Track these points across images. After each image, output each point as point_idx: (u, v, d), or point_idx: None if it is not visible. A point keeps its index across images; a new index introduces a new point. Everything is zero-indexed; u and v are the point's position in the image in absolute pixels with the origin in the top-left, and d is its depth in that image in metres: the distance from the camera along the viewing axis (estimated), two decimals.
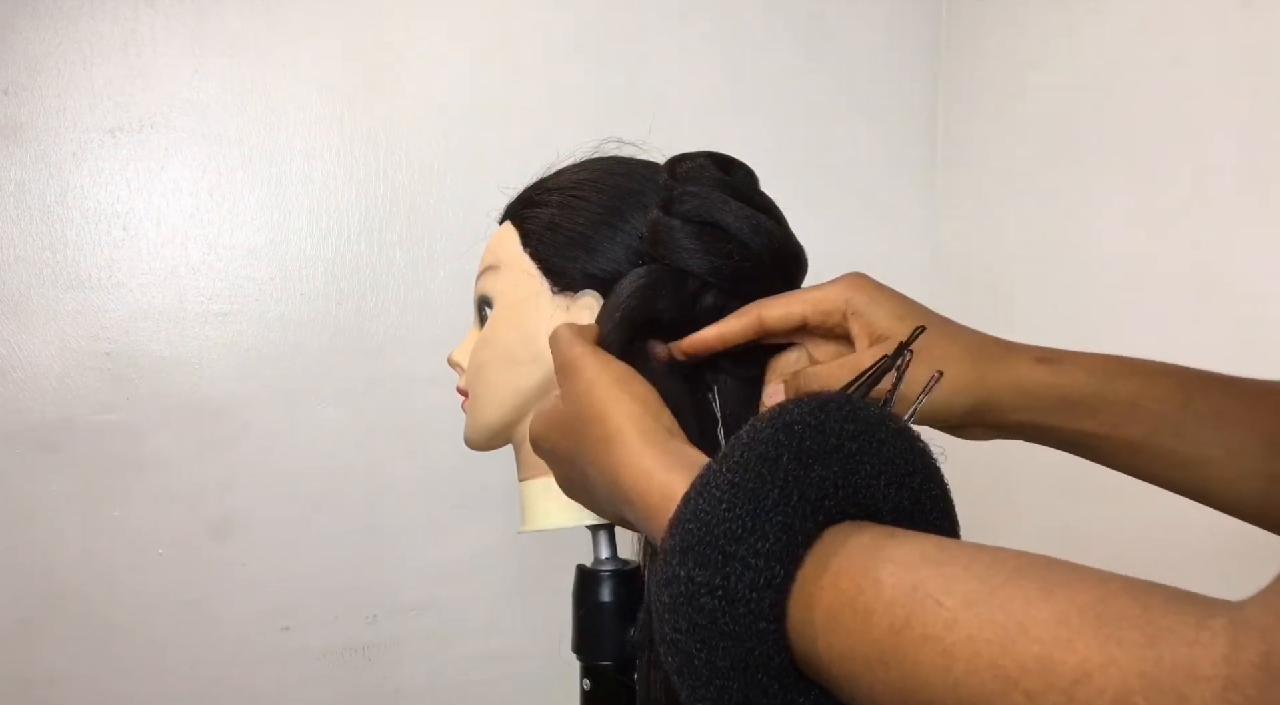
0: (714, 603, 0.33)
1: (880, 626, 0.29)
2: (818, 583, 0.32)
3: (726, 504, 0.34)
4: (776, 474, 0.34)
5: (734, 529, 0.33)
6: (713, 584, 0.33)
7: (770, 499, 0.33)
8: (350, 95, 1.10)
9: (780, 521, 0.33)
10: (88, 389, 1.02)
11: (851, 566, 0.32)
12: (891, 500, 0.35)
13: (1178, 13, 0.99)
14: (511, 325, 0.60)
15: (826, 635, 0.31)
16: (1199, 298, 0.97)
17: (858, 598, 0.31)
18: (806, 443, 0.34)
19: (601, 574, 0.61)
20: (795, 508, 0.33)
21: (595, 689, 0.60)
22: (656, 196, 0.58)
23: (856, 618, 0.30)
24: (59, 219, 1.01)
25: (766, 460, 0.34)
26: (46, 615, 1.01)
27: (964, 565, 0.29)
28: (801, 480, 0.34)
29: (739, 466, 0.35)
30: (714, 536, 0.33)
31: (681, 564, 0.34)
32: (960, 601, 0.28)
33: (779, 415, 0.36)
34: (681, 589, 0.33)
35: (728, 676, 0.33)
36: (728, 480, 0.34)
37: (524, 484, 0.63)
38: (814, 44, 1.30)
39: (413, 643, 1.14)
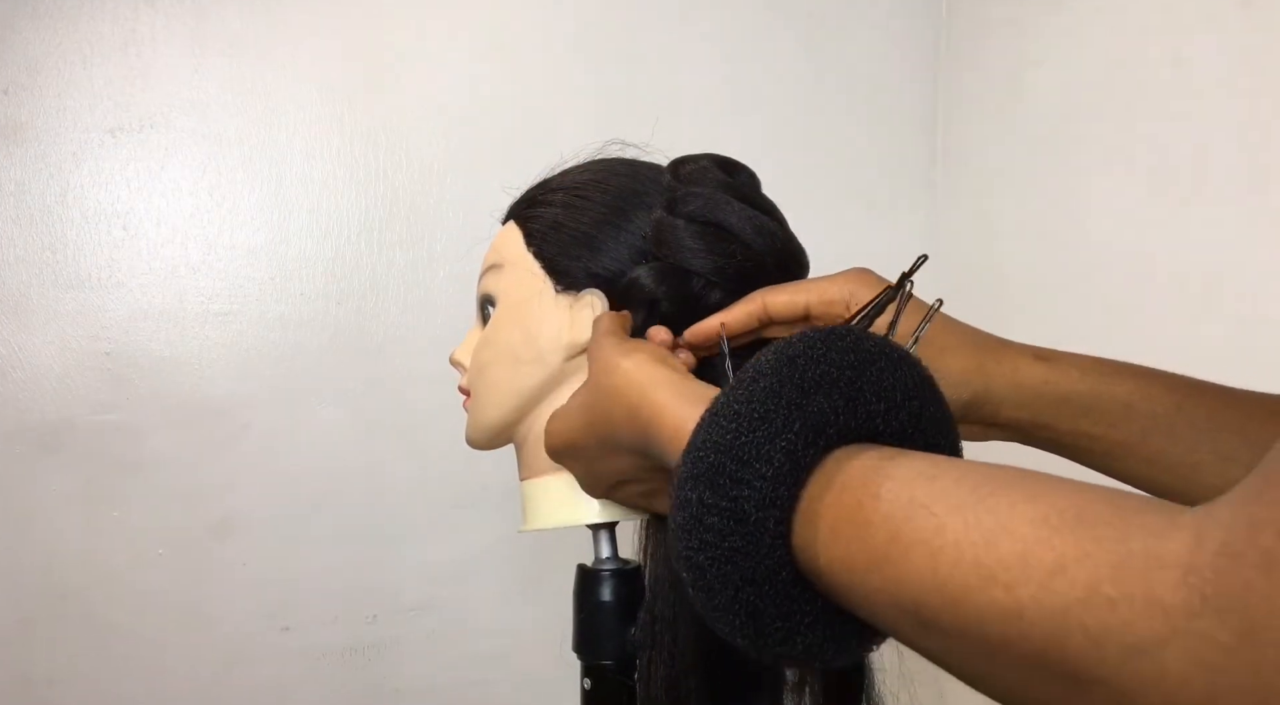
0: (722, 523, 0.35)
1: (877, 536, 0.32)
2: (821, 501, 0.34)
3: (733, 432, 0.36)
4: (780, 403, 0.36)
5: (741, 454, 0.35)
6: (720, 506, 0.35)
7: (775, 426, 0.35)
8: (350, 95, 1.10)
9: (784, 447, 0.35)
10: (88, 389, 1.02)
11: (852, 485, 0.34)
12: (892, 424, 0.37)
13: (1178, 13, 0.99)
14: (514, 324, 0.60)
15: (828, 548, 0.34)
16: (1199, 298, 0.97)
17: (857, 512, 0.33)
18: (809, 372, 0.36)
19: (602, 573, 0.61)
20: (798, 434, 0.35)
21: (596, 689, 0.60)
22: (660, 197, 0.58)
23: (856, 529, 0.32)
24: (59, 219, 1.01)
25: (770, 391, 0.36)
26: (46, 615, 1.01)
27: (955, 479, 0.31)
28: (804, 408, 0.36)
29: (745, 397, 0.37)
30: (722, 462, 0.36)
31: (693, 488, 0.36)
32: (949, 509, 0.30)
33: (783, 347, 0.38)
34: (692, 512, 0.36)
35: (739, 588, 0.35)
36: (734, 410, 0.36)
37: (525, 483, 0.63)
38: (814, 44, 1.30)
39: (413, 643, 1.14)
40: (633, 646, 0.58)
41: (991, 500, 0.29)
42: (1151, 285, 1.02)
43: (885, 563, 0.31)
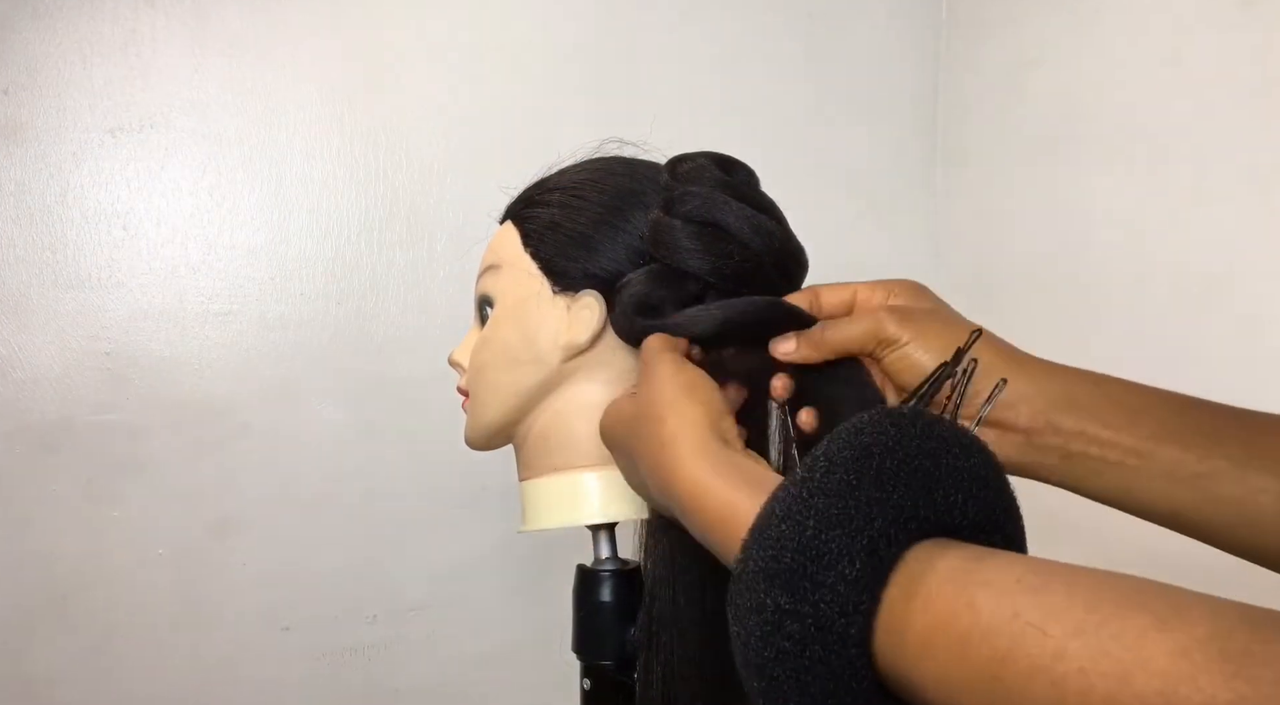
0: (803, 630, 0.33)
1: (979, 654, 0.29)
2: (908, 606, 0.32)
3: (812, 530, 0.34)
4: (860, 498, 0.34)
5: (821, 555, 0.33)
6: (800, 611, 0.33)
7: (854, 524, 0.34)
8: (350, 95, 1.10)
9: (866, 545, 0.33)
10: (88, 389, 1.02)
11: (942, 590, 0.32)
12: (970, 516, 0.35)
13: (1178, 13, 0.99)
14: (512, 325, 0.60)
15: (920, 660, 0.31)
16: (1199, 297, 0.97)
17: (952, 623, 0.31)
18: (886, 463, 0.35)
19: (602, 574, 0.61)
20: (879, 532, 0.33)
21: (595, 688, 0.60)
22: (657, 196, 0.58)
23: (952, 643, 0.30)
24: (59, 219, 1.01)
25: (848, 485, 0.35)
26: (46, 615, 1.01)
27: (1065, 592, 0.29)
28: (883, 503, 0.34)
29: (820, 491, 0.35)
30: (801, 563, 0.34)
31: (768, 591, 0.34)
32: (1067, 632, 0.28)
33: (855, 436, 0.36)
34: (769, 616, 0.34)
35: (818, 701, 0.33)
36: (809, 505, 0.35)
37: (524, 483, 0.63)
38: (814, 44, 1.30)
39: (413, 643, 1.14)
40: (632, 646, 0.58)
41: (1115, 624, 0.27)
42: (1151, 285, 1.02)
43: (996, 685, 0.29)
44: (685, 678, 0.55)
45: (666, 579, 0.56)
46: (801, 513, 0.35)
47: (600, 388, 0.59)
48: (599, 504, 0.59)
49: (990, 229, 1.28)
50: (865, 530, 0.33)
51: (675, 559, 0.55)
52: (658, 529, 0.57)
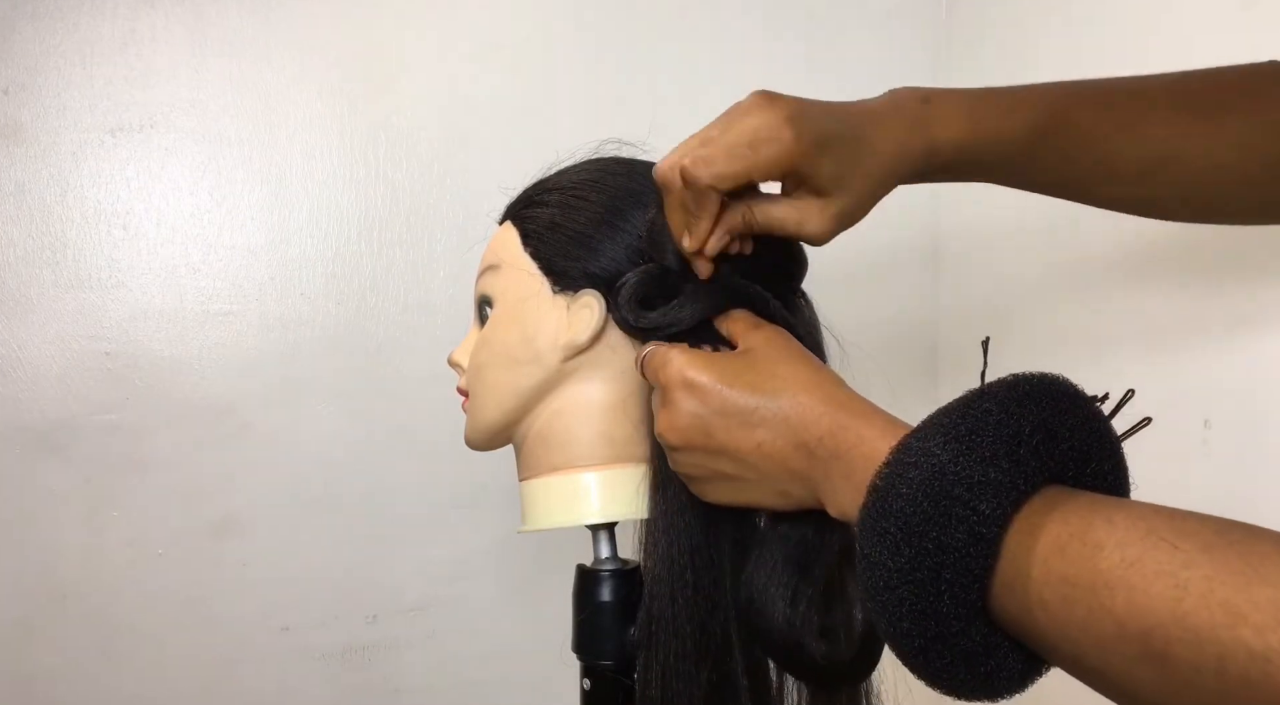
0: (962, 492, 0.36)
1: (1110, 558, 0.32)
2: (1046, 515, 0.35)
3: (995, 418, 0.37)
4: (1041, 413, 0.37)
5: (998, 438, 0.37)
6: (960, 473, 0.36)
7: (1030, 427, 0.37)
8: (350, 95, 1.10)
9: (1032, 449, 0.36)
10: (88, 389, 1.02)
11: (1081, 508, 0.35)
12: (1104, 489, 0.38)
13: (1178, 13, 0.99)
14: (512, 325, 0.60)
15: (1046, 561, 0.34)
16: (1199, 297, 0.97)
17: (1088, 532, 0.33)
18: (1064, 406, 0.38)
19: (601, 574, 0.61)
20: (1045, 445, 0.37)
21: (595, 688, 0.60)
22: (656, 196, 0.58)
23: (1085, 548, 0.33)
24: (59, 219, 1.01)
25: (1033, 399, 0.38)
26: (46, 615, 1.01)
27: (1197, 520, 0.32)
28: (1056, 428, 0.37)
29: (1008, 395, 0.38)
30: (979, 440, 0.37)
31: (943, 447, 0.37)
32: (1197, 547, 0.31)
33: (1043, 377, 0.39)
34: (936, 466, 0.37)
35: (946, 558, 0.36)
36: (1000, 399, 0.38)
37: (524, 483, 0.63)
38: (814, 44, 1.30)
39: (413, 643, 1.14)
40: (632, 646, 0.58)
41: (1241, 546, 0.30)
42: (1151, 285, 1.02)
43: (1120, 586, 0.31)
44: (686, 676, 0.55)
45: (666, 579, 0.56)
46: (985, 405, 0.38)
47: (600, 387, 0.59)
48: (599, 504, 0.59)
49: (990, 228, 1.28)
50: (1034, 437, 0.37)
51: (675, 559, 0.56)
52: (658, 529, 0.57)
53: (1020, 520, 0.36)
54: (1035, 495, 0.36)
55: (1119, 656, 0.31)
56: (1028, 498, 0.36)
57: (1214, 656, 0.28)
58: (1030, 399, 0.38)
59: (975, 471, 0.36)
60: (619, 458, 0.59)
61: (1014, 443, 0.37)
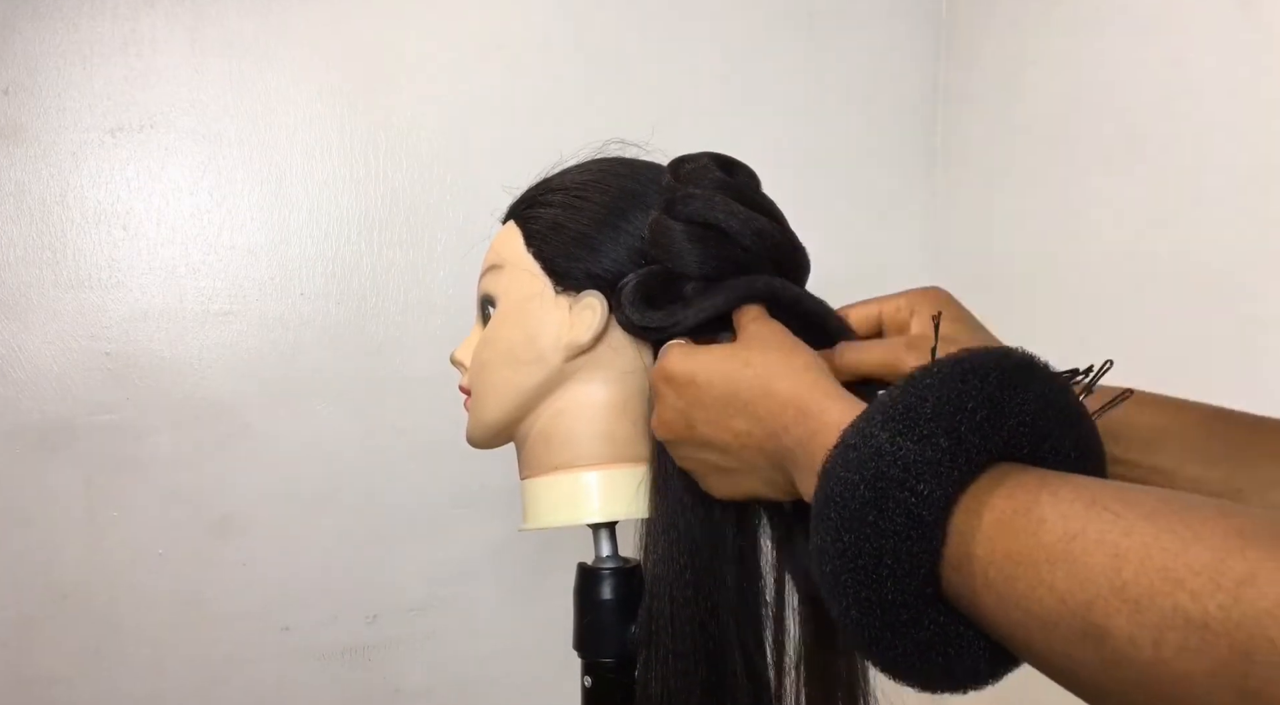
0: (899, 473, 0.35)
1: (1053, 533, 0.31)
2: (991, 492, 0.34)
3: (936, 395, 0.36)
4: (986, 388, 0.36)
5: (939, 415, 0.35)
6: (904, 453, 0.35)
7: (973, 404, 0.36)
8: (350, 95, 1.10)
9: (974, 425, 0.35)
10: (88, 389, 1.02)
11: (1027, 483, 0.34)
12: (1068, 466, 0.37)
13: (1178, 13, 0.99)
14: (514, 325, 0.61)
15: (991, 539, 0.33)
16: (1199, 298, 0.97)
17: (1033, 508, 0.33)
18: (1014, 379, 0.37)
19: (603, 572, 0.61)
20: (990, 422, 0.36)
21: (596, 686, 0.60)
22: (659, 197, 0.58)
23: (1029, 523, 0.32)
24: (59, 219, 1.01)
25: (978, 374, 0.37)
26: (46, 615, 1.01)
27: (1141, 491, 0.31)
28: (1002, 402, 0.36)
29: (949, 374, 0.37)
30: (919, 416, 0.36)
31: (883, 428, 0.36)
32: (1139, 515, 0.30)
33: (993, 351, 0.38)
34: (874, 447, 0.36)
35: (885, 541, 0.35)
36: (943, 376, 0.37)
37: (525, 482, 0.63)
38: (814, 44, 1.30)
39: (413, 643, 1.14)
40: (633, 644, 0.58)
41: (1184, 513, 0.29)
42: (1151, 285, 1.02)
43: (1061, 560, 0.30)
44: (686, 675, 0.55)
45: (666, 577, 0.56)
46: (927, 382, 0.37)
47: (601, 387, 0.59)
48: (599, 503, 0.59)
49: (990, 228, 1.28)
50: (977, 414, 0.36)
51: (675, 558, 0.56)
52: (658, 528, 0.57)
53: (965, 499, 0.35)
54: (982, 474, 0.35)
55: (1060, 635, 0.30)
56: (973, 477, 0.35)
57: (1152, 626, 0.27)
58: (974, 373, 0.36)
59: (912, 451, 0.35)
60: (620, 457, 0.59)
61: (954, 419, 0.35)
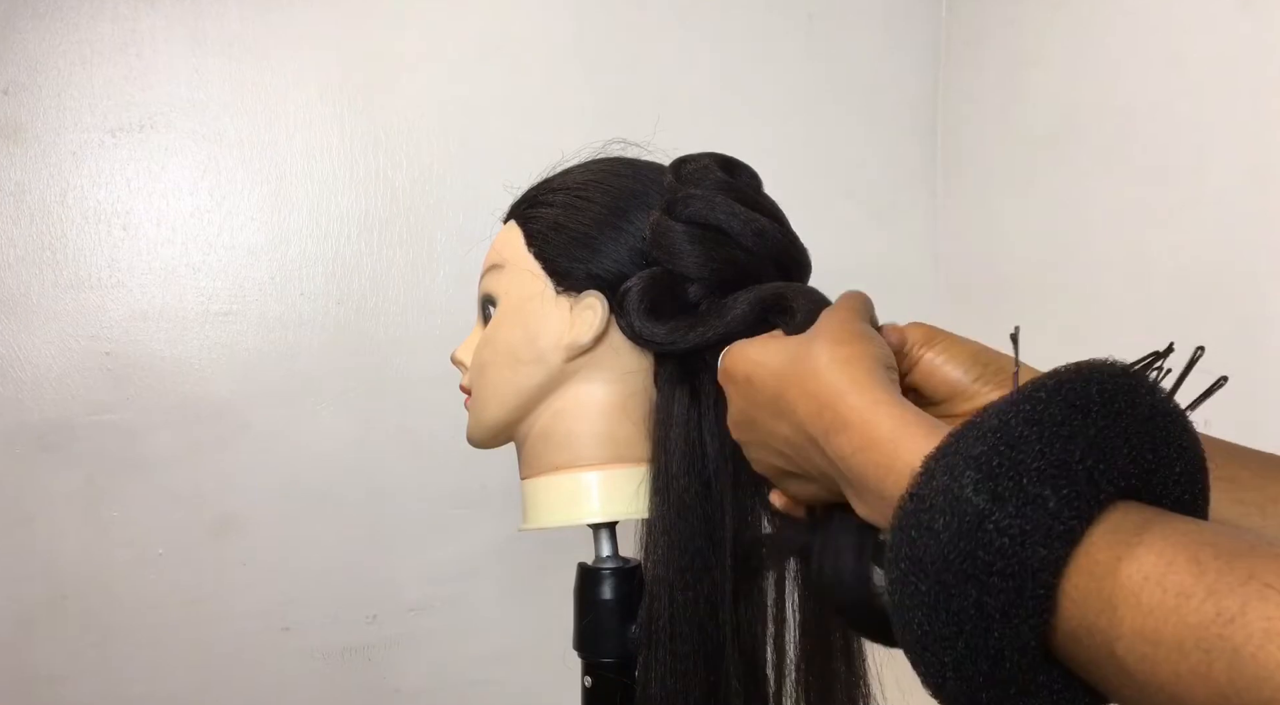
0: (1002, 541, 0.30)
1: (1203, 612, 0.26)
2: (1112, 552, 0.29)
3: (1036, 440, 0.31)
4: (1089, 425, 0.31)
5: (1043, 468, 0.30)
6: (1003, 522, 0.30)
7: (1079, 447, 0.31)
8: (350, 95, 1.10)
9: (1084, 472, 0.30)
10: (88, 389, 1.02)
11: (1156, 543, 0.29)
12: (1177, 493, 0.32)
13: (1178, 13, 0.99)
14: (515, 324, 0.60)
15: (1121, 611, 0.28)
16: (1199, 298, 0.97)
17: (1168, 575, 0.28)
18: (1119, 405, 0.32)
19: (603, 572, 0.61)
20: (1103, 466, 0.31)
21: (596, 686, 0.60)
22: (660, 197, 0.58)
23: (1167, 597, 0.27)
24: (59, 219, 1.01)
25: (1078, 408, 0.31)
26: (46, 615, 1.01)
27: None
28: (1110, 440, 0.31)
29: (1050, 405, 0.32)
30: (1019, 470, 0.31)
31: (977, 490, 0.31)
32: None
33: (1086, 370, 0.33)
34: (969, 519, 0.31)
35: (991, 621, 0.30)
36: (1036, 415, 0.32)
37: (526, 482, 0.63)
38: (814, 44, 1.30)
39: (413, 643, 1.14)
40: (633, 644, 0.58)
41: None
42: (1151, 285, 1.02)
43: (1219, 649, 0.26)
44: (685, 675, 0.55)
45: (666, 577, 0.56)
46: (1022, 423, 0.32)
47: (602, 387, 0.59)
48: (600, 502, 0.59)
49: (990, 229, 1.28)
50: (1085, 460, 0.31)
51: (675, 558, 0.56)
52: (658, 528, 0.57)
53: (1079, 558, 0.30)
54: (1096, 523, 0.30)
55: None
56: (1084, 530, 0.30)
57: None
58: (1076, 410, 0.31)
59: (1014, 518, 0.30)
60: (620, 457, 0.59)
61: (1060, 471, 0.30)
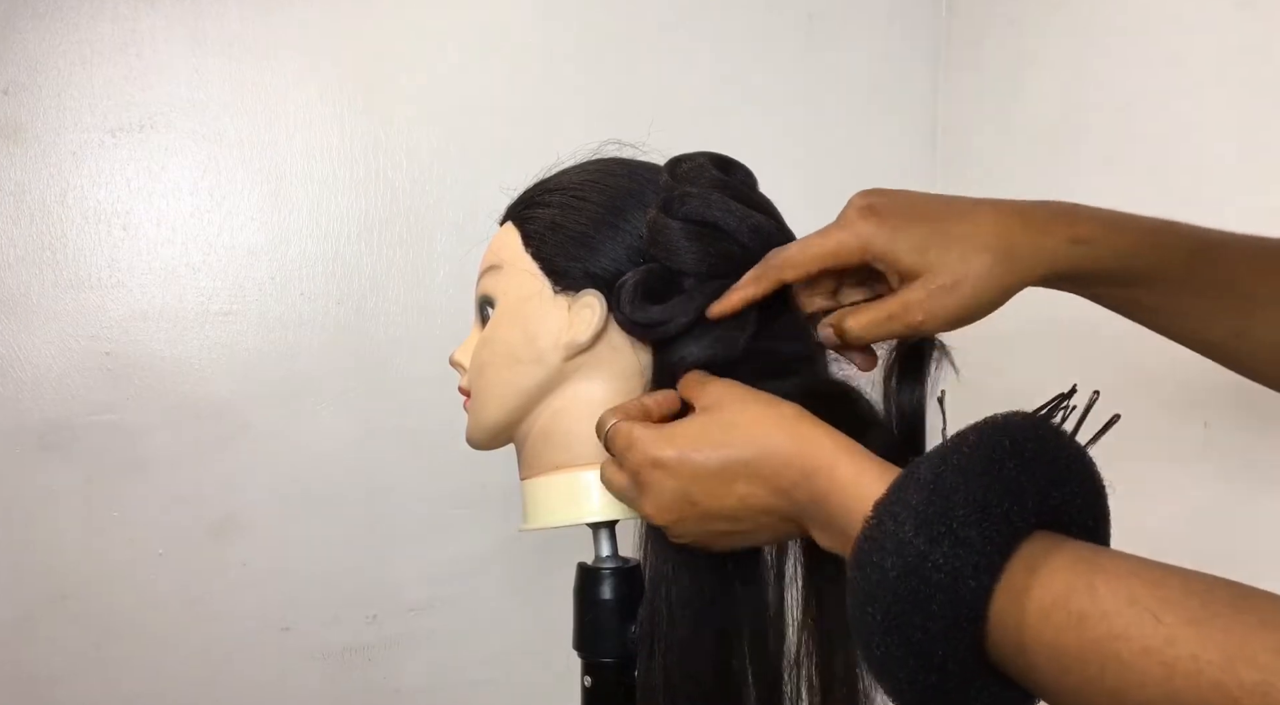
0: (938, 576, 0.37)
1: (1095, 630, 0.33)
2: (1029, 579, 0.36)
3: (963, 490, 0.37)
4: (1005, 473, 0.38)
5: (968, 514, 0.37)
6: (938, 560, 0.37)
7: (997, 493, 0.37)
8: (350, 95, 1.10)
9: (1002, 514, 0.37)
10: (88, 389, 1.02)
11: (1062, 571, 0.35)
12: (1081, 519, 0.39)
13: (1178, 13, 0.99)
14: (513, 325, 0.61)
15: (1036, 629, 0.35)
16: None
17: (1071, 599, 0.34)
18: (1028, 452, 0.38)
19: (603, 572, 0.61)
20: (1014, 508, 0.37)
21: (596, 686, 0.60)
22: (657, 196, 0.58)
23: (1070, 618, 0.34)
24: (59, 219, 1.01)
25: (995, 460, 0.38)
26: (46, 615, 1.01)
27: (1180, 587, 0.32)
28: (1021, 484, 0.38)
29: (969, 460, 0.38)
30: (949, 517, 0.37)
31: (917, 535, 0.37)
32: (1180, 620, 0.31)
33: (1002, 425, 0.40)
34: (910, 559, 0.37)
35: (934, 642, 0.37)
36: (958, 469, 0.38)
37: (526, 482, 0.63)
38: (814, 44, 1.30)
39: (413, 643, 1.14)
40: (633, 644, 0.58)
41: (1224, 620, 0.30)
42: None
43: (1111, 661, 0.32)
44: (685, 674, 0.55)
45: (667, 576, 0.56)
46: (952, 475, 0.38)
47: (601, 386, 0.59)
48: (599, 502, 0.59)
49: None
50: (1002, 503, 0.37)
51: (675, 557, 0.56)
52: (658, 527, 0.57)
53: (1003, 584, 0.36)
54: (1015, 554, 0.37)
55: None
56: (1005, 561, 0.37)
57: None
58: (995, 461, 0.38)
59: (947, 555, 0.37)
60: None
61: (984, 515, 0.37)
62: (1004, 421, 0.40)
